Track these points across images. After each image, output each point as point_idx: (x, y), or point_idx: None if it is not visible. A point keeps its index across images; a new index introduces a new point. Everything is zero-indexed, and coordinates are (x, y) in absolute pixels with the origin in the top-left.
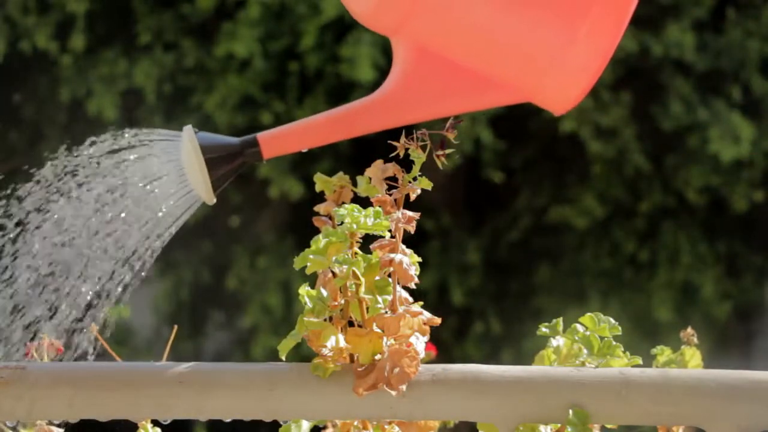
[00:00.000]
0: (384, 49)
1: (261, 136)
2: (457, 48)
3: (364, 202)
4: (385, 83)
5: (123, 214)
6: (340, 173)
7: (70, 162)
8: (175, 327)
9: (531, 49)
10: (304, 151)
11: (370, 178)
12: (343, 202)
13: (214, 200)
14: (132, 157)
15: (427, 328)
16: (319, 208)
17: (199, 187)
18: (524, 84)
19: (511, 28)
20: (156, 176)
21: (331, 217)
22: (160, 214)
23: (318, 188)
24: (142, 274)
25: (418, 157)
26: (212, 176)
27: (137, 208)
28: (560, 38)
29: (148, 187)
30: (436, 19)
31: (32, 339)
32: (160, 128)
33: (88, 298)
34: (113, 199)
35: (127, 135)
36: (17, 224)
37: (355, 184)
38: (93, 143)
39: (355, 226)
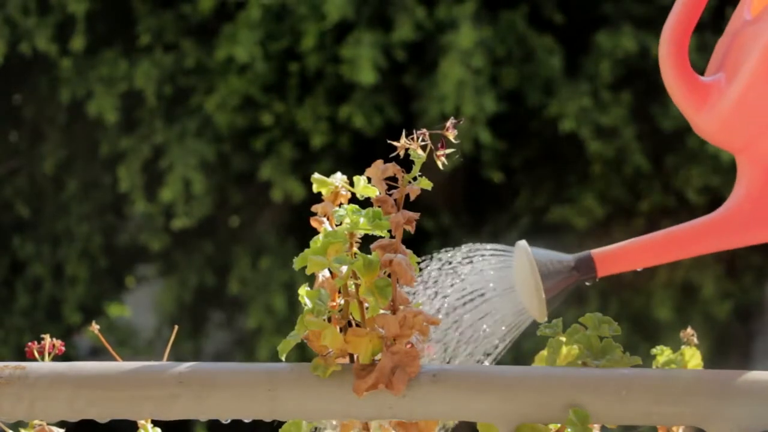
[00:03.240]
0: (384, 50)
1: (596, 254)
2: None
3: (365, 202)
4: (727, 201)
5: (458, 324)
6: (338, 174)
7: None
8: (176, 327)
9: None
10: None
11: (369, 179)
12: (341, 203)
13: (546, 318)
14: (467, 270)
15: (427, 327)
16: (316, 208)
17: (530, 304)
18: None
19: None
20: (487, 291)
21: (328, 218)
22: (489, 328)
23: (315, 189)
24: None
25: (418, 157)
26: (547, 294)
27: (470, 318)
28: None
29: (480, 301)
30: None
31: None
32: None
33: None
34: (451, 309)
35: (464, 249)
36: None
37: (353, 184)
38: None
39: (354, 226)
